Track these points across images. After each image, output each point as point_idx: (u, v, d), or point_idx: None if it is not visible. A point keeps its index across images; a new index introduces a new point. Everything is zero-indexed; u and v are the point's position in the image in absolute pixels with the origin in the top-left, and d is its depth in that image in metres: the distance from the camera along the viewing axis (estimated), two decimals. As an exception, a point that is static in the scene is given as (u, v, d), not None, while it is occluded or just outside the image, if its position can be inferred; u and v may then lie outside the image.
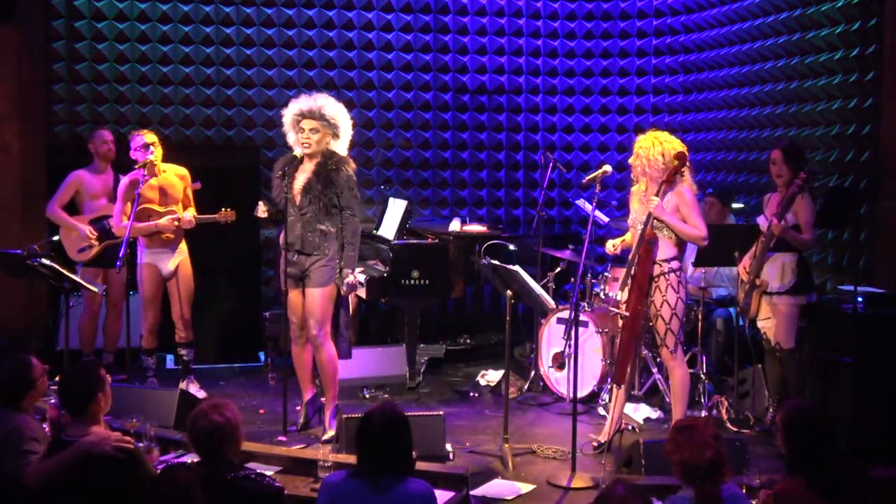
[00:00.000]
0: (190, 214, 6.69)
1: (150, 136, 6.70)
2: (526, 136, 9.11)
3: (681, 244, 5.59)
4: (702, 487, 3.47)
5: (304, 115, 5.78)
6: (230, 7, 8.27)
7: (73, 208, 7.18)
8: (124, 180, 6.76)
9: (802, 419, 3.79)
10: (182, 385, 6.72)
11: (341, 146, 5.88)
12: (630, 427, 6.09)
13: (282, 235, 5.87)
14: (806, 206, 5.83)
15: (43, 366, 4.28)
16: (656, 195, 5.47)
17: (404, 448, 3.62)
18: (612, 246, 5.83)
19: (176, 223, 6.64)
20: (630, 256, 5.62)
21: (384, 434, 3.57)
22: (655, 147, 5.52)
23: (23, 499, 3.77)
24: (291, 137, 5.87)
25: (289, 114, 5.85)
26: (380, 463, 3.55)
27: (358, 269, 6.17)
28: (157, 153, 6.69)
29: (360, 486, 3.54)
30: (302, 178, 5.80)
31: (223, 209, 6.75)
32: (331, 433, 5.78)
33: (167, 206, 6.71)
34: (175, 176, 6.80)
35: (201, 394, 6.73)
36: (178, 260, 6.78)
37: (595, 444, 5.70)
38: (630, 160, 5.69)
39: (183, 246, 6.83)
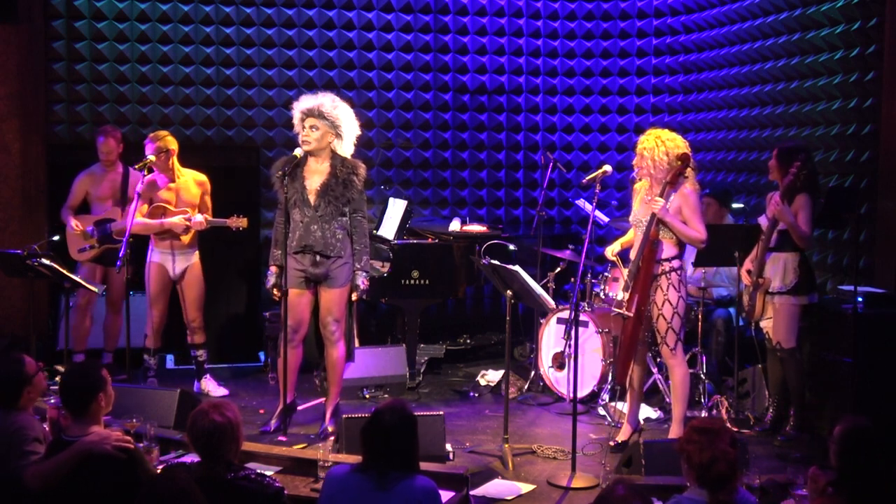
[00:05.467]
0: (201, 216, 6.70)
1: (163, 142, 6.66)
2: (526, 136, 9.11)
3: (681, 243, 5.60)
4: (716, 494, 3.43)
5: (304, 114, 5.81)
6: (230, 7, 8.27)
7: (85, 209, 7.22)
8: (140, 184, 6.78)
9: (862, 438, 3.63)
10: (199, 384, 6.83)
11: (345, 146, 5.88)
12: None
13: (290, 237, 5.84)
14: (803, 201, 5.85)
15: (37, 363, 4.27)
16: (660, 195, 5.47)
17: (412, 446, 3.62)
18: (610, 253, 5.83)
19: (187, 223, 6.65)
20: (632, 256, 5.63)
21: (394, 432, 3.56)
22: (659, 147, 5.52)
23: (23, 499, 3.76)
24: (301, 134, 5.87)
25: (296, 112, 5.87)
26: (388, 460, 3.54)
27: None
28: (166, 151, 6.68)
29: (364, 480, 3.53)
30: (317, 179, 5.78)
31: (235, 215, 6.75)
32: (329, 429, 5.80)
33: (181, 208, 6.73)
34: (193, 181, 6.83)
35: (220, 391, 6.81)
36: (187, 265, 6.80)
37: (612, 443, 5.72)
38: (634, 161, 5.69)
39: (195, 250, 6.86)
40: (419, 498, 3.51)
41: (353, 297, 5.90)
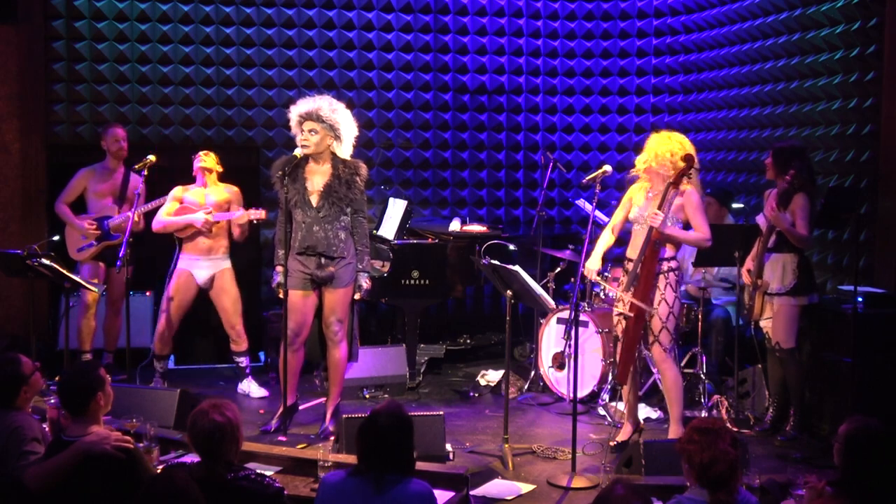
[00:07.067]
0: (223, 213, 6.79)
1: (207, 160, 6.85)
2: (526, 136, 9.11)
3: (678, 243, 5.61)
4: (716, 495, 3.42)
5: (302, 117, 5.79)
6: (230, 7, 8.27)
7: (82, 206, 7.19)
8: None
9: (870, 438, 3.55)
10: (241, 386, 6.91)
11: (344, 149, 5.87)
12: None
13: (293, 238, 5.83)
14: (801, 202, 5.83)
15: (34, 363, 4.27)
16: (661, 199, 5.45)
17: (407, 449, 3.61)
18: (592, 273, 5.66)
19: (207, 215, 6.66)
20: (630, 255, 5.62)
21: (390, 434, 3.55)
22: (666, 145, 5.52)
23: (23, 499, 3.76)
24: (299, 138, 5.86)
25: (293, 115, 5.85)
26: (383, 462, 3.53)
27: None
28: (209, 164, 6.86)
29: (359, 485, 3.52)
30: (319, 180, 5.77)
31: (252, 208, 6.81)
32: (330, 429, 5.80)
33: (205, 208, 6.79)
34: (223, 187, 6.92)
35: (262, 392, 6.85)
36: (215, 272, 6.82)
37: (612, 443, 5.72)
38: (640, 160, 5.65)
39: (226, 259, 6.90)
40: (414, 502, 3.50)
41: (357, 297, 5.90)
